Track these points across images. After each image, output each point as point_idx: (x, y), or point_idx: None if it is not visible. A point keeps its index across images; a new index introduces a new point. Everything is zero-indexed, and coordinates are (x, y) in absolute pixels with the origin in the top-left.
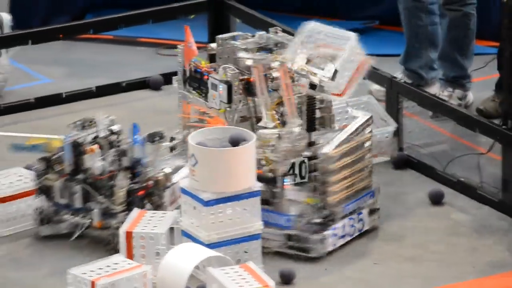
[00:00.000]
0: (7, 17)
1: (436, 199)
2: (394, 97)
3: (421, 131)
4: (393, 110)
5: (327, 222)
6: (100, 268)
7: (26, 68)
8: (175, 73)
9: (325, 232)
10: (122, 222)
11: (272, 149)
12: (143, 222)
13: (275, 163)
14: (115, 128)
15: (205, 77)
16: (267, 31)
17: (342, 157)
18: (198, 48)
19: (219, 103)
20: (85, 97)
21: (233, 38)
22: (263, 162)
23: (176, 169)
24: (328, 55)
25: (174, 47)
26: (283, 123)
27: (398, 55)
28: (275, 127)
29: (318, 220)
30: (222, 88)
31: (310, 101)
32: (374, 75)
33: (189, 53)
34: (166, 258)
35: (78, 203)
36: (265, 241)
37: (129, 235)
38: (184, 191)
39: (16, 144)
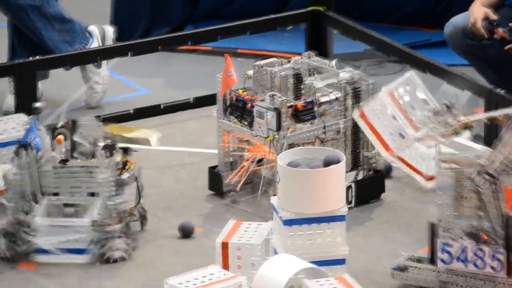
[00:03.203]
0: (110, 30)
1: None
2: (493, 108)
3: None
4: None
5: None
6: (196, 279)
7: (125, 80)
8: None
9: None
10: None
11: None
12: (238, 233)
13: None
14: None
15: (249, 105)
16: (367, 43)
17: None
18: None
19: (267, 131)
20: (183, 108)
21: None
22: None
23: None
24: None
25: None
26: None
27: None
28: None
29: None
30: (271, 116)
31: None
32: (472, 86)
33: (229, 82)
34: (261, 269)
35: None
36: None
37: (225, 245)
38: (273, 207)
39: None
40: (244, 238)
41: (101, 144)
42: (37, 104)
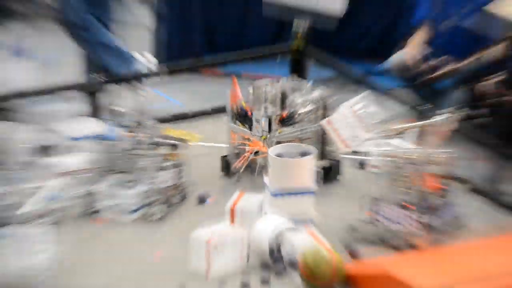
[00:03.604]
0: (149, 56)
1: None
2: (422, 119)
3: None
4: None
5: None
6: (213, 232)
7: (163, 94)
8: None
9: None
10: None
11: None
12: (242, 201)
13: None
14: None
15: (249, 114)
16: (333, 70)
17: None
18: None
19: (262, 132)
20: (204, 115)
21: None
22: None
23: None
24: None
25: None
26: None
27: None
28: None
29: None
30: (264, 121)
31: None
32: (407, 102)
33: (235, 97)
34: (256, 225)
35: None
36: None
37: (232, 210)
38: (265, 184)
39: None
40: (245, 205)
41: (157, 140)
42: (114, 107)
